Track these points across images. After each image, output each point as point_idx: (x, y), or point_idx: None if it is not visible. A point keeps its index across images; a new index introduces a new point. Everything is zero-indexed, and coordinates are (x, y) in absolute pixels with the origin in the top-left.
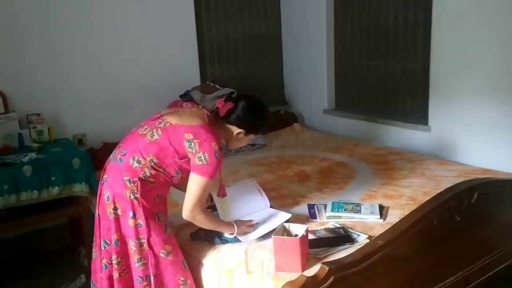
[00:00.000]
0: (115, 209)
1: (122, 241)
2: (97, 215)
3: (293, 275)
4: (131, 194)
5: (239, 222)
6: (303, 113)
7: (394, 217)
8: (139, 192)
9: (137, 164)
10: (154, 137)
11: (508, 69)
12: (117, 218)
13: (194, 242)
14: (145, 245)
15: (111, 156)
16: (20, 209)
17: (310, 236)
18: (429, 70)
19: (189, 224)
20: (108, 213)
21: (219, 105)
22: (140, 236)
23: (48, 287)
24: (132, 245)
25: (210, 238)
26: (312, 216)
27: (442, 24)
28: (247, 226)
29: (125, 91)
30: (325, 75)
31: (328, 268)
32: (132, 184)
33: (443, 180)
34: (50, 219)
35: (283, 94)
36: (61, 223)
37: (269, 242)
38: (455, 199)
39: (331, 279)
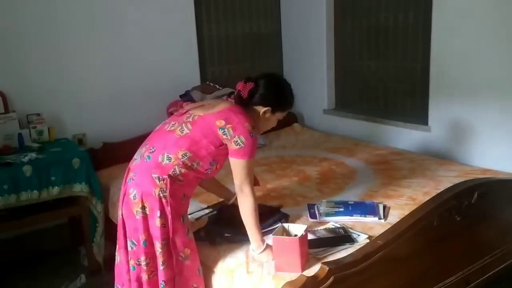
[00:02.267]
0: (143, 208)
1: (150, 242)
2: (120, 216)
3: (293, 275)
4: (160, 192)
5: (269, 246)
6: (303, 113)
7: (394, 217)
8: (168, 190)
9: (167, 161)
10: (184, 131)
11: (508, 69)
12: (145, 217)
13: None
14: (166, 248)
15: (136, 155)
16: (20, 209)
17: (310, 236)
18: (429, 70)
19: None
20: (135, 212)
21: (240, 88)
22: (165, 237)
23: (48, 287)
24: (158, 246)
25: (211, 239)
26: (312, 216)
27: (442, 24)
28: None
29: (125, 91)
30: (325, 75)
31: (328, 268)
32: (162, 181)
33: (443, 180)
34: (50, 219)
35: None
36: (61, 223)
37: (269, 242)
38: (455, 199)
39: (331, 279)
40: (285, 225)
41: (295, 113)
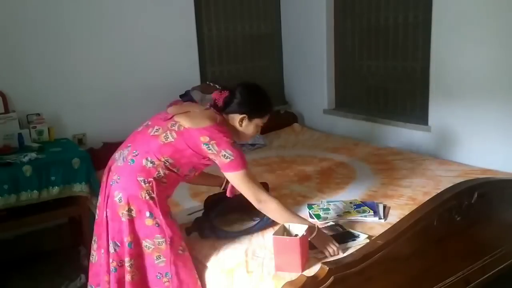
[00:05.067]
0: (129, 210)
1: (135, 243)
2: (104, 217)
3: (293, 275)
4: (147, 194)
5: (321, 231)
6: (303, 113)
7: (394, 217)
8: (154, 192)
9: (150, 164)
10: (168, 139)
11: (508, 69)
12: (131, 220)
13: (189, 237)
14: (165, 244)
15: (116, 155)
16: (20, 209)
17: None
18: (429, 70)
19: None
20: (121, 215)
21: (215, 96)
22: (158, 235)
23: (48, 287)
24: (149, 243)
25: (201, 232)
26: (312, 216)
27: (442, 24)
28: (330, 241)
29: (125, 91)
30: (325, 75)
31: (328, 268)
32: (148, 184)
33: (443, 180)
34: (50, 219)
35: (283, 94)
36: (61, 223)
37: (269, 242)
38: (455, 199)
39: (331, 279)
40: (286, 224)
41: (295, 113)
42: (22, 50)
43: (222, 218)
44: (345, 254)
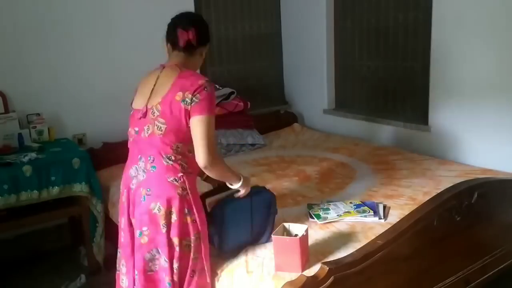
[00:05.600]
0: (170, 213)
1: (179, 244)
2: (137, 236)
3: (293, 275)
4: (182, 190)
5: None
6: (303, 113)
7: (394, 217)
8: (187, 186)
9: (170, 161)
10: (161, 128)
11: (508, 69)
12: (175, 224)
13: None
14: (199, 240)
15: (131, 172)
16: (20, 209)
17: None
18: (429, 70)
19: None
20: (162, 226)
21: (186, 37)
22: (195, 232)
23: (48, 287)
24: (188, 241)
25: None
26: (312, 216)
27: (442, 24)
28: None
29: (125, 91)
30: (325, 75)
31: (328, 268)
32: (180, 181)
33: (443, 180)
34: (50, 219)
35: (283, 94)
36: (61, 223)
37: (269, 242)
38: (455, 199)
39: (331, 279)
40: (286, 224)
41: (295, 113)
42: (22, 50)
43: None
44: (345, 254)
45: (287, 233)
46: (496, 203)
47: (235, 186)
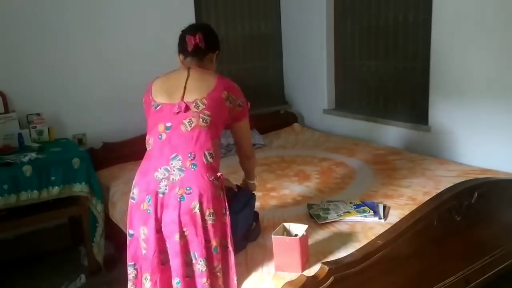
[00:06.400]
0: (210, 215)
1: (219, 245)
2: (177, 243)
3: (293, 275)
4: (221, 191)
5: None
6: (303, 113)
7: (394, 217)
8: (223, 185)
9: (211, 159)
10: (207, 120)
11: (508, 69)
12: (215, 225)
13: None
14: (232, 240)
15: (158, 176)
16: (20, 209)
17: None
18: (429, 70)
19: None
20: (201, 227)
21: (195, 41)
22: (230, 233)
23: (48, 287)
24: (228, 241)
25: None
26: (312, 216)
27: (442, 24)
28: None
29: (125, 91)
30: (325, 75)
31: (328, 268)
32: (218, 180)
33: (443, 180)
34: (50, 219)
35: (283, 94)
36: (61, 223)
37: (269, 242)
38: (455, 199)
39: (331, 279)
40: (286, 224)
41: (295, 113)
42: (22, 50)
43: None
44: (345, 254)
45: (287, 233)
46: (496, 203)
47: (253, 181)
